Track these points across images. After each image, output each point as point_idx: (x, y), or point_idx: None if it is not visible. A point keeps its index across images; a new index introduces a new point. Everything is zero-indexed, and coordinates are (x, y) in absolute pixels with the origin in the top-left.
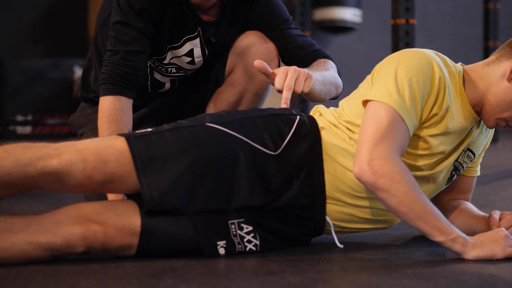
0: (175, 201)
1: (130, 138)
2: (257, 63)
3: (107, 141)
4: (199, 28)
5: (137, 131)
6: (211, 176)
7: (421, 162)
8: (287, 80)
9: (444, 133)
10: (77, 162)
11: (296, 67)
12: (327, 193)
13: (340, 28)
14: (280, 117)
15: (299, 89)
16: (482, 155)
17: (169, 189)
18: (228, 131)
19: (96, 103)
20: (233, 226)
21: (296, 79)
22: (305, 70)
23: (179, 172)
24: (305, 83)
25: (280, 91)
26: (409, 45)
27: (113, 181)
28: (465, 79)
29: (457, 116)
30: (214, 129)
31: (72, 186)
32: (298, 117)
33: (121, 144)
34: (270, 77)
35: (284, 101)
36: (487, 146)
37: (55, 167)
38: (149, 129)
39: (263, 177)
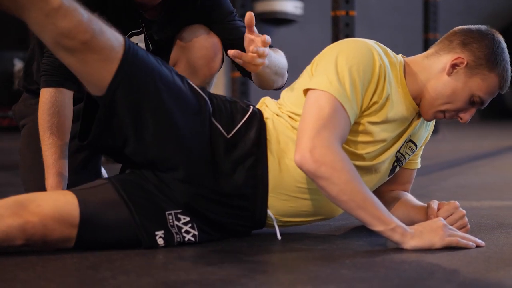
0: (130, 115)
1: (128, 40)
2: (232, 52)
3: (111, 29)
4: (143, 25)
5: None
6: (171, 117)
7: (363, 150)
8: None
9: (385, 121)
10: (80, 15)
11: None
12: (270, 186)
13: (281, 20)
14: (235, 105)
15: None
16: (423, 147)
17: (131, 99)
18: (200, 92)
19: (38, 95)
20: (170, 217)
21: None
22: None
23: (148, 95)
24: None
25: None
26: (349, 36)
27: (96, 54)
28: (406, 71)
29: (398, 105)
30: (191, 85)
31: None
32: (251, 107)
33: (121, 38)
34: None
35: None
36: (428, 138)
37: None
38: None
39: (212, 152)
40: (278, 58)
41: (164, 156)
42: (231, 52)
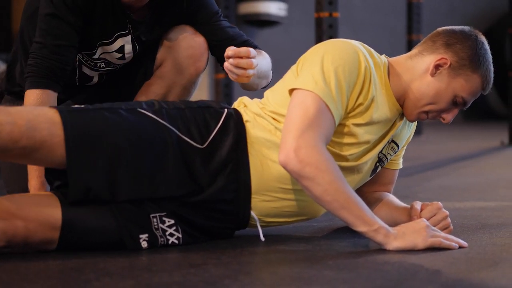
0: (101, 185)
1: (63, 111)
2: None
3: (39, 110)
4: (130, 26)
5: (71, 106)
6: (138, 163)
7: (347, 152)
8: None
9: (369, 123)
10: (6, 123)
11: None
12: (253, 188)
13: (265, 22)
14: (208, 110)
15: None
16: (405, 147)
17: (95, 171)
18: (158, 119)
19: (21, 97)
20: (154, 220)
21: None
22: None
23: (107, 154)
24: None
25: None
26: (332, 38)
27: (40, 150)
28: (389, 71)
29: (382, 107)
30: (146, 116)
31: None
32: (225, 110)
33: (54, 115)
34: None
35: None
36: (410, 139)
37: None
38: (82, 106)
39: (189, 169)
40: (262, 62)
41: (145, 197)
42: (226, 65)
